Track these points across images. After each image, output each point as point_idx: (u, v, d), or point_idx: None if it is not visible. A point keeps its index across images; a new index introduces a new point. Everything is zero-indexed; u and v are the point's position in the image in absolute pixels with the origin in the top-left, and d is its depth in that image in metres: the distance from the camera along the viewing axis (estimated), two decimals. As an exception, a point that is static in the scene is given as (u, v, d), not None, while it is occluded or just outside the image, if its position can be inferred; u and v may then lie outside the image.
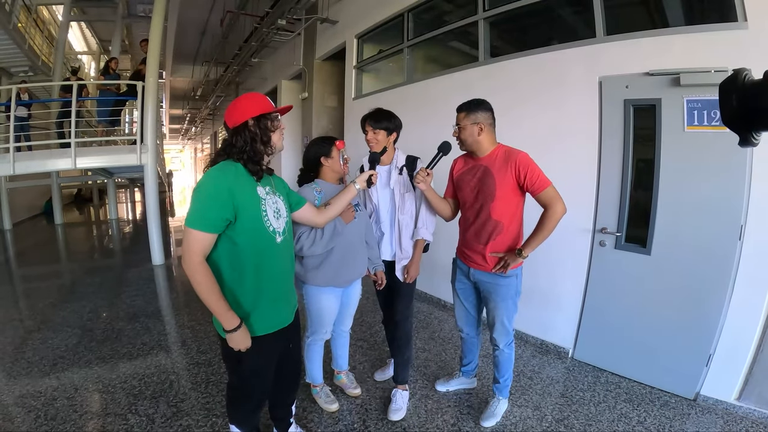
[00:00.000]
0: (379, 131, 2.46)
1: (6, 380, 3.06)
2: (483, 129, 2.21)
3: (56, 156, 6.08)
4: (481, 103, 2.24)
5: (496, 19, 3.87)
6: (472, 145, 2.25)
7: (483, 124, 2.21)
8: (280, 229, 1.71)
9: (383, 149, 2.46)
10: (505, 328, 2.40)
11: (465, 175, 2.38)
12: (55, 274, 6.40)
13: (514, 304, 2.36)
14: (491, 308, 2.40)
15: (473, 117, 2.21)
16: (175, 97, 19.57)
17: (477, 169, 2.30)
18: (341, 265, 2.33)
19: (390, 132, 2.48)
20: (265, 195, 1.67)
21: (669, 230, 2.77)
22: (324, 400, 2.68)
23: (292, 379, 2.09)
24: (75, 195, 17.23)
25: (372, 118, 2.49)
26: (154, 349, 3.52)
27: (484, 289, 2.41)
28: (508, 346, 2.46)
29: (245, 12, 8.90)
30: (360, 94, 6.07)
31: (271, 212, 1.68)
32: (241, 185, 1.58)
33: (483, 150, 2.26)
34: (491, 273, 2.30)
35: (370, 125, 2.48)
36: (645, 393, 2.84)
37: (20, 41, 8.78)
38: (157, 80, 6.13)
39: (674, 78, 2.63)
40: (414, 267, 2.53)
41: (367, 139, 2.50)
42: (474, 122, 2.21)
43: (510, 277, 2.29)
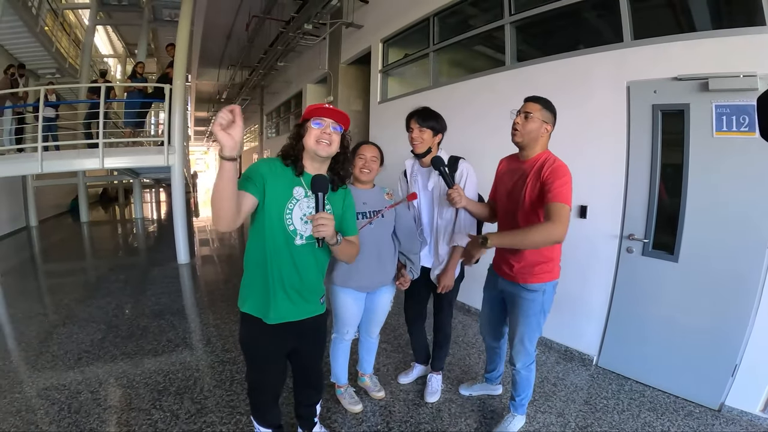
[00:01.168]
0: (425, 130, 2.39)
1: (30, 372, 3.13)
2: (547, 132, 2.10)
3: (84, 156, 6.22)
4: (554, 108, 2.12)
5: (523, 23, 3.86)
6: (530, 141, 2.09)
7: (549, 127, 2.10)
8: (304, 233, 1.72)
9: (428, 150, 2.40)
10: (524, 347, 2.25)
11: (504, 176, 2.30)
12: (80, 271, 6.53)
13: (537, 323, 2.20)
14: (513, 323, 2.28)
15: (546, 115, 2.08)
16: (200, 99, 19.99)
17: (516, 171, 2.19)
18: (353, 270, 2.32)
19: (436, 132, 2.42)
20: (302, 197, 1.72)
21: (697, 237, 2.73)
22: (348, 401, 2.69)
23: (311, 380, 2.10)
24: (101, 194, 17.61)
25: (419, 115, 2.41)
26: (179, 346, 3.56)
27: (508, 300, 2.31)
28: (527, 368, 2.32)
29: (271, 16, 9.02)
30: (385, 98, 6.10)
31: (299, 213, 1.71)
32: (276, 175, 1.69)
33: (532, 151, 2.12)
34: (516, 284, 2.19)
35: (416, 122, 2.40)
36: (669, 402, 2.80)
37: (47, 44, 9.00)
38: (184, 83, 6.26)
39: (702, 83, 2.60)
40: (447, 276, 2.47)
41: (412, 137, 2.42)
42: (545, 120, 2.07)
43: (536, 291, 2.15)
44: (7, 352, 3.49)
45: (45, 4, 8.79)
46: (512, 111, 2.17)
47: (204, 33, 10.49)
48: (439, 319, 2.72)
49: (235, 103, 14.82)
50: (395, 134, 5.38)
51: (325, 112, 1.71)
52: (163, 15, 10.69)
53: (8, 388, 2.89)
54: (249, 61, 11.61)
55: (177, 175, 6.25)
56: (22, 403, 2.70)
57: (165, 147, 6.13)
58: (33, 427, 2.47)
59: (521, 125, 2.09)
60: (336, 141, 1.73)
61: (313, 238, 1.63)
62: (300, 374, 2.06)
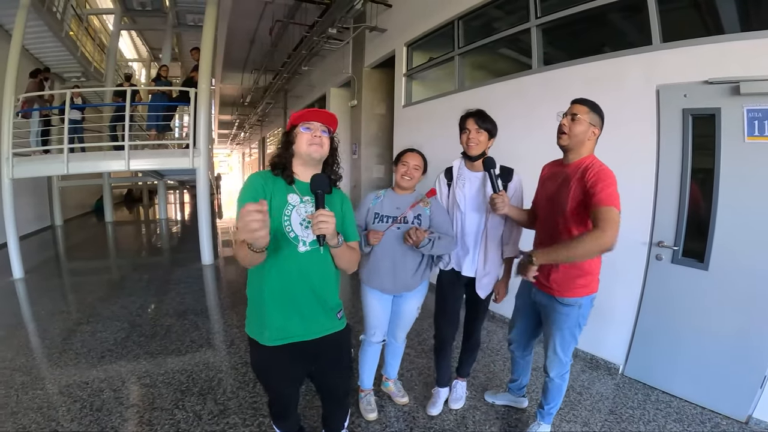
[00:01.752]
0: (482, 132, 2.31)
1: (53, 369, 3.19)
2: (595, 135, 2.04)
3: (110, 157, 6.34)
4: (602, 111, 2.05)
5: (549, 25, 3.82)
6: (577, 144, 2.03)
7: (596, 131, 2.03)
8: (306, 238, 1.66)
9: (482, 152, 2.34)
10: (558, 358, 2.21)
11: (547, 180, 2.23)
12: (104, 270, 6.68)
13: (572, 335, 2.16)
14: (547, 334, 2.24)
15: (593, 117, 2.01)
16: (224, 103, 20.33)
17: (559, 175, 2.11)
18: (374, 270, 2.40)
19: (491, 136, 2.35)
20: (297, 203, 1.68)
21: (727, 245, 2.66)
22: (364, 407, 2.66)
23: (340, 402, 2.00)
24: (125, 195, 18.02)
25: (478, 116, 2.32)
26: (202, 346, 3.60)
27: (543, 312, 2.26)
28: (560, 377, 2.27)
29: (294, 21, 9.10)
30: (410, 102, 6.10)
31: (297, 219, 1.66)
32: (272, 186, 1.66)
33: (578, 155, 2.05)
34: (551, 296, 2.13)
35: (475, 123, 2.31)
36: (696, 413, 2.74)
37: (72, 48, 9.19)
38: (209, 87, 6.37)
39: (734, 86, 2.54)
40: (504, 287, 2.48)
41: (468, 137, 2.33)
42: (592, 123, 2.01)
43: (571, 306, 2.09)
44: (30, 349, 3.56)
45: (70, 10, 8.97)
46: (558, 113, 2.12)
47: (228, 37, 10.61)
48: (473, 326, 2.68)
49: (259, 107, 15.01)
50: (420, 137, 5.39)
51: (312, 116, 1.71)
52: (186, 20, 10.84)
53: (30, 384, 2.95)
54: (272, 65, 11.69)
55: (202, 177, 6.35)
56: (43, 400, 2.75)
57: (190, 150, 6.23)
58: (54, 423, 2.51)
59: (568, 127, 2.03)
60: (327, 143, 1.72)
61: (317, 243, 1.57)
62: (327, 397, 1.97)
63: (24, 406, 2.67)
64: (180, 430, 2.46)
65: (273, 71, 11.90)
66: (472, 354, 2.79)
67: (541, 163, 2.38)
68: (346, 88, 8.64)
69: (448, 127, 4.91)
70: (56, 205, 10.45)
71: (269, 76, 12.72)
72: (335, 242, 1.60)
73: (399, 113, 6.34)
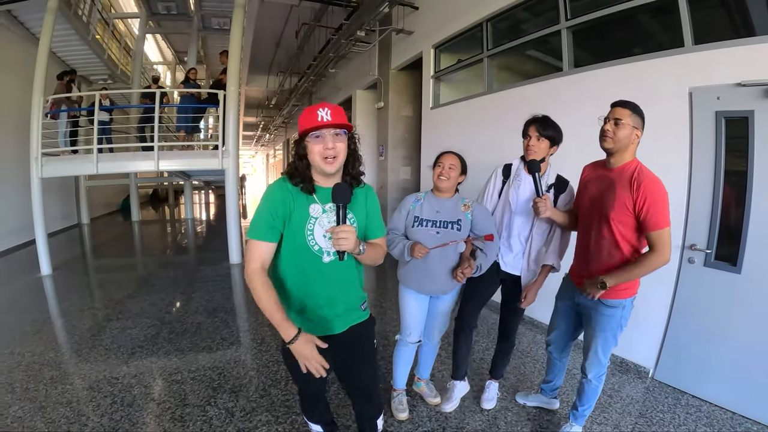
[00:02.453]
0: (543, 139, 2.33)
1: (82, 365, 3.24)
2: (638, 138, 2.03)
3: (139, 158, 6.49)
4: (643, 112, 2.05)
5: (580, 27, 3.80)
6: (622, 147, 2.02)
7: (639, 133, 2.02)
8: (330, 249, 1.63)
9: (542, 159, 2.35)
10: (598, 359, 2.23)
11: (590, 183, 2.22)
12: (131, 267, 6.81)
13: (613, 337, 2.18)
14: (588, 335, 2.25)
15: (636, 120, 2.00)
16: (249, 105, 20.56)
17: (603, 179, 2.12)
18: (414, 274, 2.39)
19: (553, 144, 2.36)
20: (319, 214, 1.62)
21: (761, 248, 2.63)
22: (396, 407, 2.68)
23: (369, 396, 1.93)
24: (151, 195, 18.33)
25: (540, 123, 2.34)
26: (233, 344, 3.64)
27: (585, 314, 2.26)
28: (598, 378, 2.29)
29: (321, 24, 9.19)
30: (438, 104, 6.11)
31: (320, 231, 1.62)
32: (293, 199, 1.60)
33: (622, 159, 2.06)
34: (596, 299, 2.12)
35: (537, 130, 2.33)
36: (726, 419, 2.70)
37: (99, 51, 9.42)
38: (237, 89, 6.48)
39: (767, 89, 2.51)
40: (533, 292, 2.46)
41: (529, 144, 2.35)
42: (635, 126, 2.00)
43: (615, 307, 2.11)
44: (58, 344, 3.63)
45: (95, 14, 9.19)
46: (599, 117, 2.11)
47: (254, 40, 10.74)
48: (509, 326, 2.69)
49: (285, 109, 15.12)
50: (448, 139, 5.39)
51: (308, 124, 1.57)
52: (212, 23, 10.99)
53: (59, 379, 3.01)
54: (298, 68, 11.82)
55: (231, 177, 6.44)
56: (72, 395, 2.80)
57: (220, 151, 6.34)
58: (84, 418, 2.54)
59: (612, 131, 2.02)
60: (342, 149, 1.60)
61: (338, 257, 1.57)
62: (355, 391, 1.95)
63: (53, 401, 2.72)
64: (212, 426, 2.49)
65: (298, 74, 12.00)
66: (506, 356, 2.79)
67: (573, 165, 2.39)
68: (373, 90, 8.69)
69: (476, 129, 4.94)
70: (83, 203, 10.73)
71: (294, 79, 12.84)
72: (357, 251, 1.60)
73: (426, 115, 6.36)
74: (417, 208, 2.41)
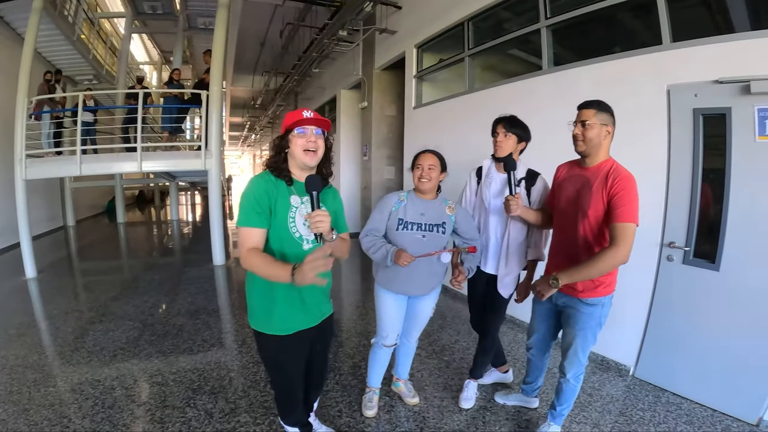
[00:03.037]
0: (510, 135, 2.42)
1: (65, 367, 3.23)
2: (609, 133, 2.05)
3: (123, 159, 6.45)
4: (609, 107, 2.08)
5: (559, 26, 3.81)
6: (594, 148, 2.05)
7: (610, 128, 2.05)
8: (309, 237, 1.79)
9: (510, 154, 2.41)
10: (577, 359, 2.22)
11: (566, 182, 2.24)
12: (116, 269, 6.77)
13: (593, 335, 2.19)
14: (568, 335, 2.24)
15: (603, 117, 2.03)
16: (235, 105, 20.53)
17: (579, 178, 2.14)
18: (394, 275, 2.34)
19: (520, 140, 2.45)
20: (299, 204, 1.78)
21: (739, 246, 2.64)
22: (365, 404, 2.70)
23: (316, 379, 2.19)
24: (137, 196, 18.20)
25: (507, 121, 2.45)
26: (214, 346, 3.63)
27: (564, 314, 2.26)
28: (576, 378, 2.29)
29: (305, 23, 9.18)
30: (420, 103, 6.11)
31: (301, 220, 1.77)
32: (275, 190, 1.75)
33: (596, 158, 2.08)
34: (577, 298, 2.14)
35: (503, 127, 2.44)
36: (706, 416, 2.72)
37: (84, 51, 9.33)
38: (220, 89, 6.45)
39: (744, 86, 2.52)
40: (524, 288, 2.51)
41: (496, 141, 2.46)
42: (603, 123, 2.03)
43: (594, 305, 2.12)
44: (42, 347, 3.61)
45: (81, 14, 9.11)
46: (569, 123, 2.13)
47: (239, 40, 10.71)
48: (487, 325, 2.70)
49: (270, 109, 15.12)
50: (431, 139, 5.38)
51: (305, 121, 1.75)
52: (197, 23, 10.96)
53: (42, 381, 2.99)
54: (283, 68, 11.79)
55: (214, 178, 6.42)
56: (55, 397, 2.79)
57: (202, 151, 6.30)
58: (65, 420, 2.54)
59: (581, 134, 2.06)
60: (321, 146, 1.79)
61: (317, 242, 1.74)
62: (313, 375, 2.12)
63: (36, 403, 2.71)
64: (191, 428, 2.48)
65: (283, 73, 11.99)
66: (485, 355, 2.78)
67: (552, 163, 2.39)
68: (357, 90, 8.68)
69: (458, 128, 4.94)
70: (68, 205, 10.61)
71: (280, 79, 12.82)
72: (330, 237, 1.72)
73: (409, 114, 6.35)
74: (400, 210, 2.35)
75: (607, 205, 1.97)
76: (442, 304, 2.63)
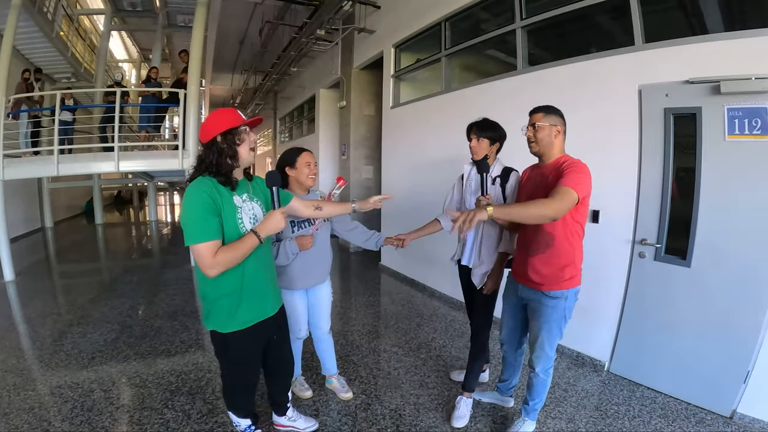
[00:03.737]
0: (483, 139, 2.53)
1: (44, 371, 3.20)
2: (560, 132, 2.16)
3: (100, 159, 6.33)
4: (558, 110, 2.20)
5: (534, 27, 3.85)
6: (546, 147, 2.16)
7: (559, 128, 2.16)
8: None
9: (485, 157, 2.51)
10: (544, 353, 2.26)
11: (527, 182, 2.35)
12: (94, 271, 6.67)
13: (558, 329, 2.22)
14: (534, 329, 2.28)
15: (551, 119, 2.16)
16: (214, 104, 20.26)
17: (538, 176, 2.23)
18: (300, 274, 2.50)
19: (493, 142, 2.55)
20: (241, 203, 1.82)
21: (709, 242, 2.70)
22: (298, 389, 2.88)
23: (284, 367, 2.28)
24: (115, 196, 17.90)
25: (477, 126, 2.57)
26: (191, 347, 3.61)
27: (530, 308, 2.30)
28: (545, 372, 2.33)
29: (284, 22, 9.12)
30: (398, 103, 6.11)
31: (247, 218, 1.83)
32: (219, 194, 1.73)
33: (551, 155, 2.18)
34: (540, 291, 2.19)
35: (474, 133, 2.56)
36: (681, 409, 2.77)
37: (63, 49, 9.15)
38: (198, 88, 6.37)
39: (714, 86, 2.57)
40: (492, 279, 2.54)
41: (471, 146, 2.58)
42: (552, 124, 2.15)
43: (557, 298, 2.16)
44: (21, 350, 3.56)
45: (60, 10, 8.94)
46: (522, 127, 2.25)
47: (218, 38, 10.60)
48: (473, 323, 2.72)
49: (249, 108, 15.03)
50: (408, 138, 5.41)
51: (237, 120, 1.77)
52: (177, 21, 10.81)
53: (22, 385, 2.96)
54: (262, 66, 11.71)
55: (191, 178, 6.29)
56: (35, 401, 2.76)
57: (179, 151, 6.23)
58: (45, 423, 2.52)
59: (533, 136, 2.19)
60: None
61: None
62: (278, 364, 2.22)
63: (16, 407, 2.68)
64: (169, 429, 2.48)
65: (263, 72, 11.94)
66: (472, 362, 2.67)
67: (527, 163, 2.43)
68: (335, 90, 8.67)
69: (435, 128, 4.96)
70: (47, 207, 10.40)
71: (259, 77, 12.75)
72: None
73: (387, 114, 6.36)
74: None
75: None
76: (419, 302, 2.65)
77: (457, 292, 2.82)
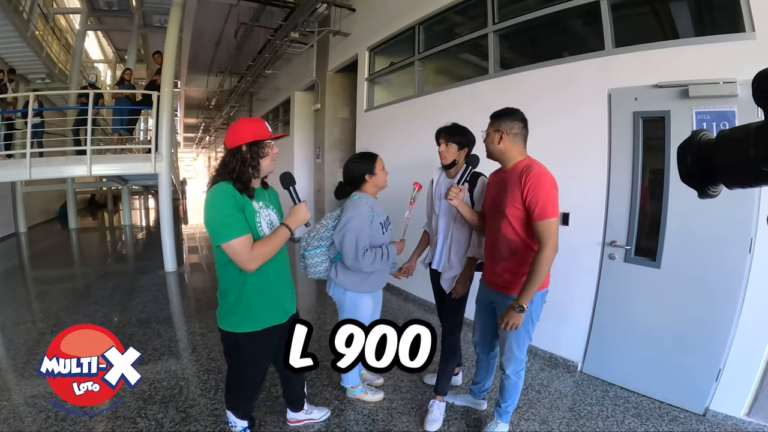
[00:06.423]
0: (451, 144, 2.53)
1: (18, 380, 3.13)
2: (504, 137, 2.12)
3: (72, 162, 6.21)
4: (510, 112, 2.17)
5: (507, 31, 3.88)
6: (494, 153, 2.20)
7: (505, 132, 2.12)
8: None
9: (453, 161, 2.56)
10: (513, 355, 2.27)
11: (491, 186, 2.35)
12: (69, 278, 6.52)
13: (526, 332, 2.21)
14: (501, 331, 2.26)
15: (496, 124, 2.16)
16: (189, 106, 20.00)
17: (500, 181, 2.24)
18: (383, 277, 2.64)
19: (462, 147, 2.55)
20: (259, 209, 1.89)
21: (678, 243, 2.75)
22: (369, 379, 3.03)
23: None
24: (89, 200, 17.55)
25: (446, 131, 2.57)
26: (164, 354, 3.56)
27: (497, 310, 2.29)
28: (516, 374, 2.33)
29: (259, 24, 9.06)
30: (372, 106, 6.10)
31: (265, 223, 1.90)
32: (240, 199, 1.81)
33: (508, 160, 2.18)
34: (504, 294, 2.21)
35: (443, 138, 2.56)
36: (654, 408, 2.81)
37: (38, 49, 8.96)
38: (171, 90, 6.28)
39: (683, 90, 2.62)
40: (460, 284, 2.55)
41: (439, 151, 2.58)
42: (496, 129, 2.14)
43: None
44: (-6, 359, 3.46)
45: (36, 9, 8.75)
46: (482, 132, 2.29)
47: (193, 40, 10.48)
48: (444, 327, 2.68)
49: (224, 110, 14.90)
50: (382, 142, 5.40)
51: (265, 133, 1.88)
52: (153, 21, 10.67)
53: None
54: (238, 68, 11.66)
55: (164, 182, 6.25)
56: (9, 411, 2.71)
57: (152, 154, 6.13)
58: None
59: (486, 143, 2.23)
60: None
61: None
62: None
63: (-10, 417, 2.62)
64: (142, 437, 2.44)
65: (238, 74, 11.88)
66: (443, 364, 2.64)
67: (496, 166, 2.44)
68: (311, 92, 8.61)
69: (408, 132, 4.97)
70: (20, 211, 10.13)
71: (234, 79, 12.69)
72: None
73: (361, 117, 6.35)
74: (375, 218, 2.49)
75: (525, 206, 2.04)
76: (394, 305, 2.66)
77: (431, 295, 2.82)
